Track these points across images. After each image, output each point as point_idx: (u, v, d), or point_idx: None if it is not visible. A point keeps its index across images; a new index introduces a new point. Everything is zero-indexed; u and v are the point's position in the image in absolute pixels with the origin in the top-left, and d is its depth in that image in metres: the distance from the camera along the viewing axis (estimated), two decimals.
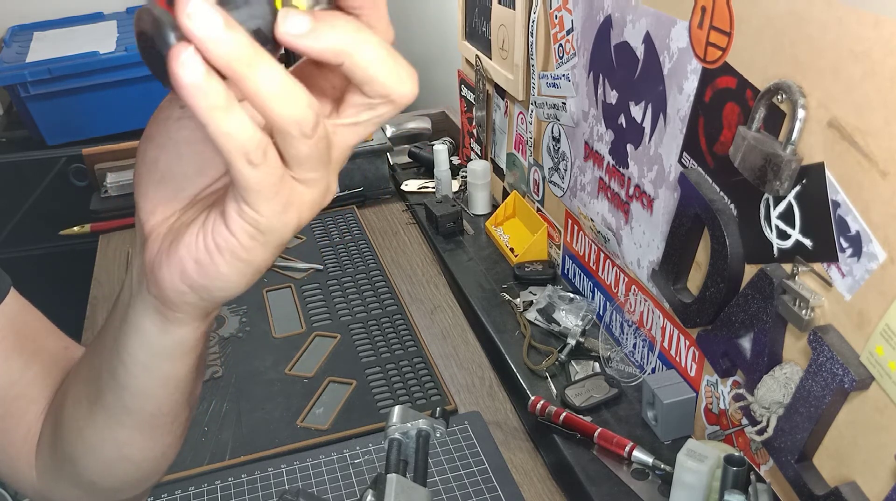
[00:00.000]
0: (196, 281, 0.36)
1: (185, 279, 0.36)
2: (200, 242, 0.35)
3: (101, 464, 0.51)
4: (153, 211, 0.38)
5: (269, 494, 0.87)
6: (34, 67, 1.73)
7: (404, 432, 0.67)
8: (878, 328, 0.57)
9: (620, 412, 0.92)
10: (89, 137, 1.81)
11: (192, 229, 0.36)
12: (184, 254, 0.36)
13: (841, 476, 0.64)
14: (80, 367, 0.51)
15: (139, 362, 0.43)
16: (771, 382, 0.69)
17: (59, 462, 0.53)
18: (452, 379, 1.05)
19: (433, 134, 1.69)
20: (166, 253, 0.37)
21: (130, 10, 2.15)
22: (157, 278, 0.37)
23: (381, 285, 1.25)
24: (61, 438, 0.52)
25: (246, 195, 0.32)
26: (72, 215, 1.54)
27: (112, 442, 0.49)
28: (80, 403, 0.49)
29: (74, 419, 0.50)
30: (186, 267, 0.36)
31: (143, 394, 0.45)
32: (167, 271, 0.37)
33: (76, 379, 0.51)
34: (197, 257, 0.35)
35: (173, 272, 0.36)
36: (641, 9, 0.83)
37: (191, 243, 0.36)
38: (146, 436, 0.49)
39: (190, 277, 0.36)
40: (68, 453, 0.51)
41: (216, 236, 0.35)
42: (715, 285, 0.76)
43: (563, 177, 1.12)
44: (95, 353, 0.48)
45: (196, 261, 0.35)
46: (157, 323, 0.40)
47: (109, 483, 0.53)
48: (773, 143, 0.65)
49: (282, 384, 1.05)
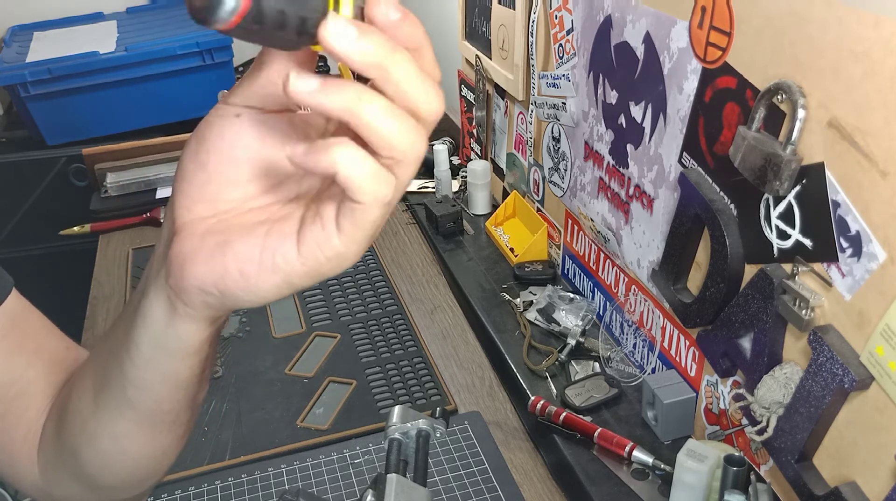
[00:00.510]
0: (230, 288, 0.36)
1: (220, 283, 0.36)
2: (256, 255, 0.35)
3: (100, 457, 0.51)
4: (190, 208, 0.38)
5: (269, 494, 0.87)
6: (34, 67, 1.73)
7: (404, 432, 0.67)
8: (878, 328, 0.57)
9: (620, 412, 0.92)
10: (89, 137, 1.81)
11: (249, 240, 0.36)
12: (230, 260, 0.36)
13: (841, 476, 0.64)
14: (89, 361, 0.52)
15: (143, 354, 0.43)
16: (771, 382, 0.69)
17: (61, 455, 0.53)
18: (452, 379, 1.05)
19: (433, 134, 1.68)
20: (208, 253, 0.37)
21: (130, 11, 2.15)
22: (185, 272, 0.37)
23: (381, 285, 1.25)
24: (65, 430, 0.52)
25: (353, 231, 0.34)
26: (72, 215, 1.54)
27: (112, 435, 0.49)
28: (86, 394, 0.49)
29: (79, 411, 0.50)
30: (228, 273, 0.36)
31: (144, 388, 0.45)
32: (203, 269, 0.37)
33: (84, 372, 0.51)
34: (244, 269, 0.36)
35: (210, 272, 0.36)
36: (641, 9, 0.83)
37: (244, 254, 0.36)
38: (145, 432, 0.49)
39: (226, 282, 0.36)
40: (70, 445, 0.52)
41: (279, 257, 0.35)
42: (715, 285, 0.76)
43: (563, 177, 1.12)
44: (106, 345, 0.49)
45: (241, 272, 0.36)
46: (165, 314, 0.40)
47: (108, 480, 0.53)
48: (773, 143, 0.65)
49: (282, 384, 1.05)
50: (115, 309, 1.27)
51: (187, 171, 0.38)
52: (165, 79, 1.82)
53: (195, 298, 0.38)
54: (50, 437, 0.54)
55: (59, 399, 0.55)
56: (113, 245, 1.46)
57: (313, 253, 0.35)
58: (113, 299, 1.29)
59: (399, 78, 0.32)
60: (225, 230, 0.37)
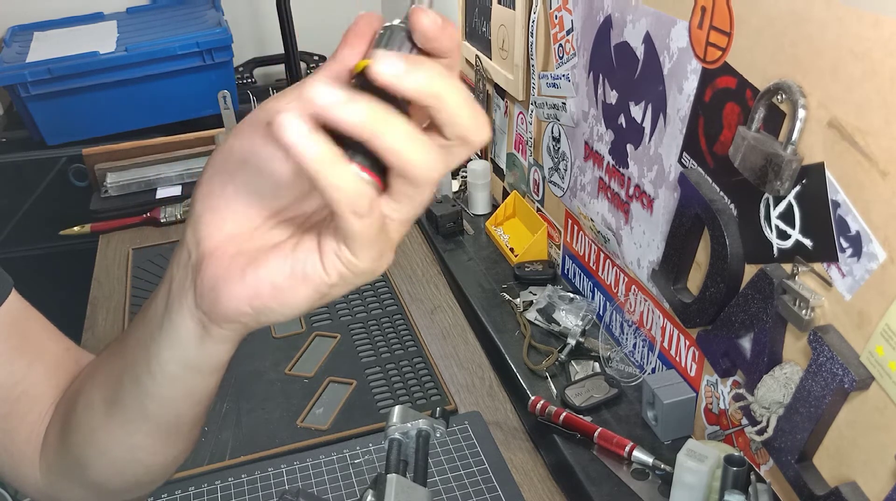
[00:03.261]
0: (266, 304, 0.37)
1: (255, 301, 0.37)
2: (287, 268, 0.36)
3: (111, 466, 0.51)
4: (221, 226, 0.38)
5: (269, 494, 0.87)
6: (34, 67, 1.73)
7: (404, 432, 0.67)
8: (878, 328, 0.57)
9: (620, 412, 0.92)
10: (89, 138, 1.81)
11: (277, 254, 0.36)
12: (263, 277, 0.36)
13: (841, 476, 0.64)
14: (95, 372, 0.51)
15: (169, 373, 0.43)
16: (771, 382, 0.69)
17: (66, 463, 0.53)
18: (452, 379, 1.05)
19: None
20: (239, 273, 0.37)
21: (130, 11, 2.15)
22: (219, 296, 0.37)
23: (380, 284, 1.25)
24: (70, 441, 0.52)
25: (349, 242, 0.34)
26: (72, 215, 1.54)
27: (126, 446, 0.49)
28: (94, 407, 0.49)
29: (86, 423, 0.50)
30: (262, 290, 0.36)
31: (167, 404, 0.46)
32: (237, 290, 0.37)
33: (89, 384, 0.51)
34: (277, 283, 0.36)
35: (244, 292, 0.37)
36: (641, 9, 0.83)
37: (275, 268, 0.36)
38: (162, 442, 0.49)
39: (261, 299, 0.37)
40: (77, 455, 0.52)
41: (307, 267, 0.36)
42: (715, 285, 0.76)
43: (563, 177, 1.12)
44: (115, 359, 0.48)
45: (274, 286, 0.36)
46: (197, 337, 0.41)
47: (117, 485, 0.53)
48: (774, 143, 0.65)
49: (282, 384, 1.05)
50: (115, 309, 1.27)
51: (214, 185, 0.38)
52: (165, 79, 1.82)
53: (232, 318, 0.38)
54: (53, 444, 0.54)
55: (62, 407, 0.54)
56: (113, 245, 1.46)
57: (335, 265, 0.35)
58: (113, 300, 1.29)
59: (452, 108, 0.33)
60: (254, 249, 0.37)
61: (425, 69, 0.32)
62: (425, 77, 0.32)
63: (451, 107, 0.33)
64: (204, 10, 2.02)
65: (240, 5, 2.17)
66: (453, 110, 0.33)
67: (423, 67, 0.32)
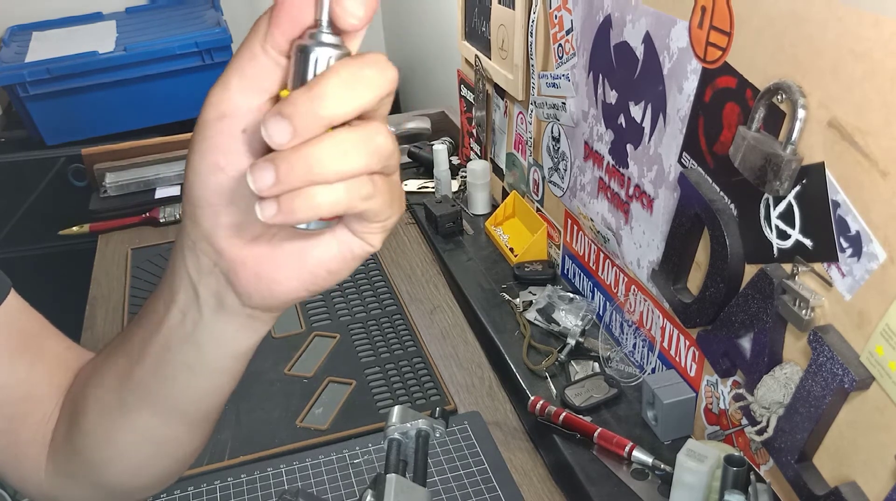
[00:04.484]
0: (322, 286, 0.39)
1: (314, 285, 0.39)
2: (334, 250, 0.38)
3: (136, 464, 0.52)
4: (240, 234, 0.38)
5: (269, 494, 0.87)
6: (33, 67, 1.73)
7: (404, 432, 0.67)
8: (878, 328, 0.57)
9: (620, 412, 0.92)
10: (88, 137, 1.81)
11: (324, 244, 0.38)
12: (316, 267, 0.38)
13: (841, 476, 0.64)
14: (102, 375, 0.51)
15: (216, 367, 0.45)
16: (771, 382, 0.69)
17: (76, 466, 0.53)
18: (452, 379, 1.05)
19: (433, 134, 1.68)
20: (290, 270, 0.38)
21: (130, 10, 2.15)
22: (273, 291, 0.39)
23: (380, 285, 1.25)
24: (82, 444, 0.52)
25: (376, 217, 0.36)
26: (71, 215, 1.54)
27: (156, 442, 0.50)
28: (111, 411, 0.49)
29: (103, 427, 0.50)
30: (318, 278, 0.38)
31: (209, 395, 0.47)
32: (292, 284, 0.38)
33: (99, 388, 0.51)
34: (331, 268, 0.38)
35: (300, 281, 0.38)
36: (641, 9, 0.83)
37: (327, 258, 0.38)
38: (192, 431, 0.51)
39: (320, 283, 0.39)
40: (93, 458, 0.52)
41: (355, 249, 0.38)
42: (715, 285, 0.76)
43: (562, 177, 1.12)
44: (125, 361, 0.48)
45: (329, 271, 0.38)
46: (249, 329, 0.42)
47: (138, 483, 0.54)
48: (773, 143, 0.65)
49: (281, 384, 1.05)
50: (114, 309, 1.26)
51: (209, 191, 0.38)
52: (164, 79, 1.82)
53: (287, 304, 0.40)
54: (61, 447, 0.54)
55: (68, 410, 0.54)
56: (112, 245, 1.46)
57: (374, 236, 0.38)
58: (112, 299, 1.29)
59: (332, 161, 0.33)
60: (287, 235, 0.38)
61: (314, 110, 0.32)
62: (318, 116, 0.32)
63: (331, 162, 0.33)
64: (203, 9, 2.02)
65: (239, 5, 2.17)
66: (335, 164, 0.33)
67: (311, 111, 0.32)
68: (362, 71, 0.32)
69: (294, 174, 0.32)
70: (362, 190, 0.34)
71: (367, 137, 0.33)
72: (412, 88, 2.30)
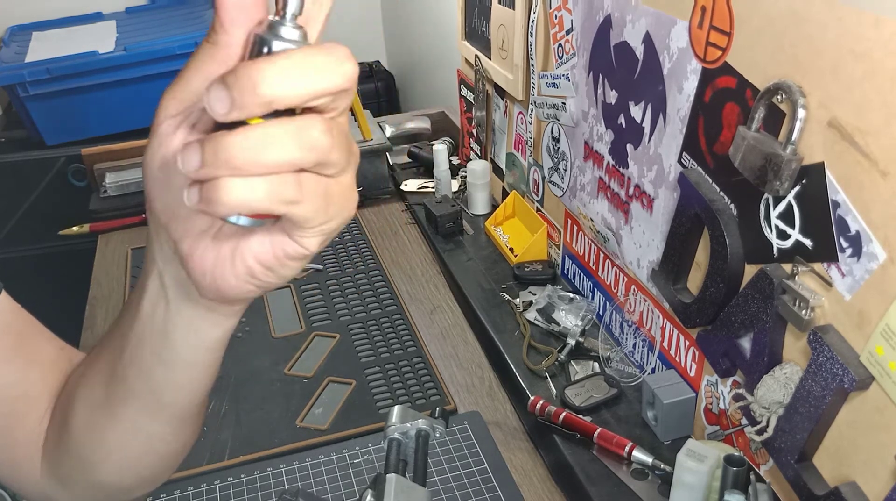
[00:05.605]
0: (264, 281, 0.39)
1: (254, 280, 0.38)
2: (269, 253, 0.37)
3: (124, 462, 0.52)
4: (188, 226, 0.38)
5: (269, 494, 0.87)
6: (33, 67, 1.73)
7: (404, 432, 0.67)
8: (878, 328, 0.57)
9: (620, 412, 0.92)
10: (88, 137, 1.81)
11: (258, 241, 0.37)
12: (252, 263, 0.38)
13: (841, 476, 0.64)
14: (89, 374, 0.51)
15: (186, 359, 0.45)
16: (771, 382, 0.69)
17: (69, 466, 0.53)
18: (452, 379, 1.05)
19: (433, 134, 1.69)
20: (230, 261, 0.38)
21: (129, 10, 2.15)
22: (219, 285, 0.39)
23: (380, 285, 1.25)
24: (73, 444, 0.52)
25: (305, 223, 0.34)
26: (71, 215, 1.54)
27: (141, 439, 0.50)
28: (99, 408, 0.50)
29: (92, 426, 0.50)
30: (256, 272, 0.38)
31: (184, 388, 0.47)
32: (232, 281, 0.38)
33: (85, 388, 0.51)
34: (269, 264, 0.38)
35: (244, 277, 0.38)
36: (641, 9, 0.83)
37: (261, 254, 0.37)
38: (176, 428, 0.51)
39: (259, 278, 0.38)
40: (84, 457, 0.52)
41: (287, 249, 0.37)
42: (715, 285, 0.76)
43: (562, 177, 1.12)
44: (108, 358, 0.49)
45: (267, 267, 0.38)
46: (210, 321, 0.43)
47: (129, 482, 0.54)
48: (773, 143, 0.65)
49: (281, 384, 1.05)
50: (113, 309, 1.26)
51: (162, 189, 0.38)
52: (164, 79, 1.81)
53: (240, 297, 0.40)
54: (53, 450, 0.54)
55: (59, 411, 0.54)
56: (112, 245, 1.46)
57: (308, 241, 0.37)
58: (112, 299, 1.29)
59: None
60: (230, 232, 0.38)
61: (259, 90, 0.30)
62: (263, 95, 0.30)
63: None
64: (203, 9, 2.02)
65: None
66: None
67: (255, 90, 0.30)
68: (314, 57, 0.31)
69: (217, 159, 0.30)
70: (285, 192, 0.32)
71: (300, 128, 0.31)
72: (412, 88, 2.30)
